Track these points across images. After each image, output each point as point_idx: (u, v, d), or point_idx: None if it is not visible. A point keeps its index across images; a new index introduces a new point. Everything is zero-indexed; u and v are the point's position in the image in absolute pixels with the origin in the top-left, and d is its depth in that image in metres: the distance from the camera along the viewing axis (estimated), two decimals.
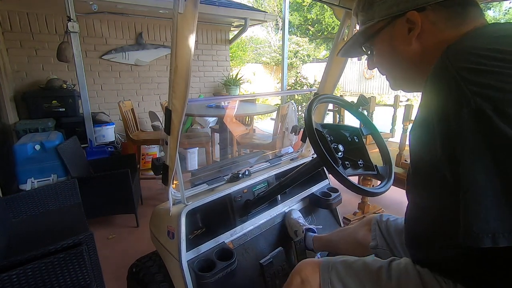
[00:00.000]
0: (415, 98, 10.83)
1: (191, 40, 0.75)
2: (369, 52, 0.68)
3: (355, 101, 1.03)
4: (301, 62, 12.93)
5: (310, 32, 15.12)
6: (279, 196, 1.39)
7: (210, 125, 4.11)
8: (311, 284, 0.78)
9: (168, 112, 0.85)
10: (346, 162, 0.85)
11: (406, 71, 0.62)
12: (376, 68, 0.70)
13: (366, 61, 0.74)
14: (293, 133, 1.45)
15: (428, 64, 0.53)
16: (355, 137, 0.96)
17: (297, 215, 1.43)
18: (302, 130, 1.21)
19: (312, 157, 1.33)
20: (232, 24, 5.00)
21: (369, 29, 0.63)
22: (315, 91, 1.54)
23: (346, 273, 0.76)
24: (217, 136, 3.50)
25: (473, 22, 0.55)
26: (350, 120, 2.72)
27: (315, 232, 1.35)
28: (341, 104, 1.07)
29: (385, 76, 0.69)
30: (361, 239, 1.08)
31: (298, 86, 5.78)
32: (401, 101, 2.91)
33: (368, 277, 0.73)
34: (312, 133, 0.81)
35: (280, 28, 11.70)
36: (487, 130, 0.40)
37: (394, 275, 0.71)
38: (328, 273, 0.77)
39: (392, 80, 0.68)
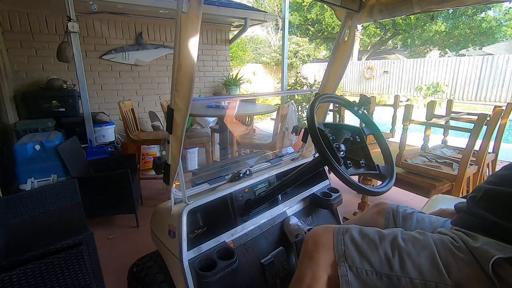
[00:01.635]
0: (415, 98, 10.84)
1: (196, 38, 0.75)
2: None
3: (356, 101, 1.03)
4: (301, 62, 12.93)
5: (310, 32, 15.12)
6: (280, 196, 1.39)
7: (210, 125, 4.11)
8: (325, 244, 0.79)
9: (170, 111, 0.85)
10: (348, 162, 0.85)
11: None
12: (376, 70, 0.69)
13: (366, 61, 0.74)
14: (294, 133, 1.45)
15: None
16: (356, 137, 0.96)
17: (295, 221, 1.42)
18: (303, 130, 1.20)
19: (313, 157, 1.33)
20: (232, 24, 5.00)
21: None
22: (316, 91, 1.54)
23: (361, 236, 0.78)
24: (217, 136, 3.49)
25: None
26: (350, 120, 2.72)
27: None
28: (343, 104, 1.07)
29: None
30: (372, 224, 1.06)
31: (298, 86, 5.78)
32: (401, 101, 2.91)
33: (381, 242, 0.76)
34: (314, 132, 0.81)
35: (280, 28, 11.70)
36: None
37: (408, 239, 0.73)
38: (342, 235, 0.79)
39: None
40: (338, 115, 3.35)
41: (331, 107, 3.16)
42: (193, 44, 0.75)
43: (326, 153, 0.78)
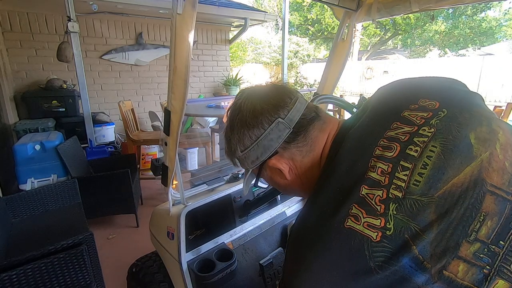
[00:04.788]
0: None
1: (190, 40, 0.75)
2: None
3: (355, 102, 1.03)
4: (301, 62, 12.93)
5: (310, 32, 15.11)
6: (279, 196, 1.39)
7: (210, 125, 4.11)
8: None
9: (167, 113, 0.85)
10: None
11: (298, 191, 0.68)
12: (376, 70, 0.70)
13: (366, 61, 0.74)
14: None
15: (312, 183, 0.57)
16: None
17: None
18: None
19: None
20: (232, 24, 5.00)
21: (251, 174, 0.68)
22: (315, 91, 1.54)
23: None
24: (217, 136, 3.50)
25: (322, 138, 0.58)
26: None
27: None
28: (342, 105, 1.07)
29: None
30: None
31: (298, 86, 5.78)
32: None
33: None
34: None
35: (280, 28, 11.69)
36: None
37: None
38: None
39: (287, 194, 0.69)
40: (338, 115, 3.35)
41: (330, 107, 3.17)
42: (187, 46, 0.75)
43: None
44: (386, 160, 0.46)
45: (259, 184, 0.70)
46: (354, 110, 1.05)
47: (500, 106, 2.26)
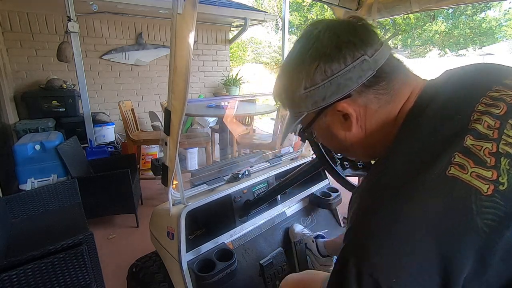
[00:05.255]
0: None
1: (190, 40, 0.75)
2: (313, 135, 0.62)
3: None
4: None
5: None
6: (279, 196, 1.39)
7: (210, 125, 4.11)
8: None
9: (167, 113, 0.85)
10: (345, 163, 0.85)
11: (353, 148, 0.58)
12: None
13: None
14: (293, 133, 1.45)
15: (378, 142, 0.52)
16: None
17: (299, 229, 1.41)
18: None
19: (312, 157, 1.33)
20: (232, 24, 5.00)
21: (303, 120, 0.57)
22: None
23: None
24: (217, 136, 3.49)
25: (405, 91, 0.51)
26: None
27: (325, 237, 1.34)
28: None
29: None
30: None
31: None
32: None
33: None
34: None
35: (280, 28, 11.69)
36: None
37: None
38: None
39: (339, 153, 0.65)
40: None
41: None
42: (187, 46, 0.75)
43: (321, 152, 0.78)
44: (493, 116, 0.42)
45: (299, 134, 0.61)
46: None
47: None
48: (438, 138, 0.42)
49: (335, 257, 1.33)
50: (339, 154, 0.88)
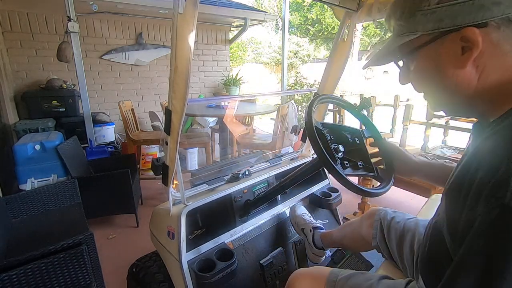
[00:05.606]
0: (416, 98, 10.82)
1: (191, 40, 0.75)
2: (403, 66, 0.56)
3: (357, 102, 1.02)
4: (301, 62, 12.92)
5: (310, 32, 15.11)
6: (279, 196, 1.39)
7: (210, 125, 4.11)
8: None
9: (168, 113, 0.85)
10: (346, 162, 0.85)
11: (453, 96, 0.49)
12: (376, 70, 0.67)
13: (366, 61, 0.72)
14: (293, 133, 1.45)
15: (489, 95, 0.44)
16: (356, 139, 0.96)
17: (301, 211, 1.40)
18: (302, 130, 1.20)
19: (312, 157, 1.33)
20: (232, 24, 5.00)
21: (409, 43, 0.49)
22: (315, 91, 1.54)
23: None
24: (217, 136, 3.49)
25: None
26: (350, 120, 2.72)
27: (323, 229, 1.34)
28: (344, 106, 1.06)
29: (422, 94, 0.55)
30: (364, 235, 1.08)
31: (298, 86, 5.78)
32: (401, 101, 2.91)
33: None
34: (311, 130, 0.81)
35: (280, 28, 11.69)
36: None
37: None
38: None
39: (432, 102, 0.54)
40: (338, 115, 3.34)
41: (330, 107, 3.16)
42: (188, 45, 0.75)
43: (322, 151, 0.77)
44: None
45: (395, 62, 0.54)
46: (364, 111, 1.03)
47: None
48: None
49: (328, 251, 1.33)
50: (339, 154, 0.88)
